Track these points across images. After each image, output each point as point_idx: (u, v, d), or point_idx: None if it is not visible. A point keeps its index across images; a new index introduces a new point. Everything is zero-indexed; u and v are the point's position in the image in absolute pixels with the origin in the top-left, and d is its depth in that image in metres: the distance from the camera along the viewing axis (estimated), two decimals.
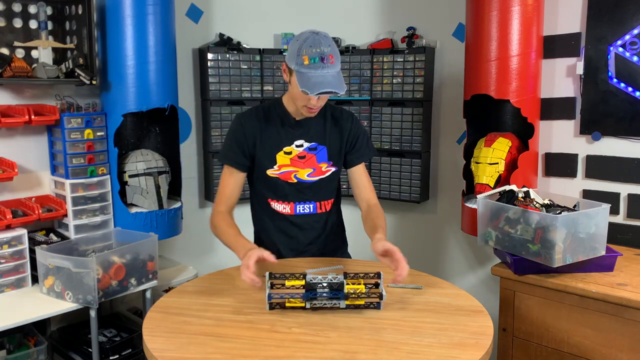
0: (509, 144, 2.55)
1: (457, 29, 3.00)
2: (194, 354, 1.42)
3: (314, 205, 2.06)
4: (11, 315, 2.16)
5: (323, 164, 2.03)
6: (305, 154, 2.01)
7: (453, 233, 3.16)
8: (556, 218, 1.97)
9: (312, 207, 2.06)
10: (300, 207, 2.05)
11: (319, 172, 2.03)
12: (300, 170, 2.01)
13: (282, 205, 2.05)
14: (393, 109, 3.15)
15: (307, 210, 2.06)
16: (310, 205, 2.06)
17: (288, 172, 2.01)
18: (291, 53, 1.83)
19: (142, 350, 1.71)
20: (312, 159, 2.02)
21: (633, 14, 2.38)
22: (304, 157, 2.01)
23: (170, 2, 2.69)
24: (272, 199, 2.06)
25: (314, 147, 2.02)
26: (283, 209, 2.05)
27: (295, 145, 2.01)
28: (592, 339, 2.03)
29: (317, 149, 2.02)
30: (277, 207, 2.06)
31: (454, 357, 1.40)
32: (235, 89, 3.18)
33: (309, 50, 1.78)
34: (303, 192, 2.04)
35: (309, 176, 2.02)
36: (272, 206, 2.06)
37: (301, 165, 2.01)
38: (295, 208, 2.05)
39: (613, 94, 2.45)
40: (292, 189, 2.02)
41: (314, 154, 2.02)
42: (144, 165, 2.73)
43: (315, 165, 2.02)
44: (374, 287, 1.67)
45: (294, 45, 1.82)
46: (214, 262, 3.28)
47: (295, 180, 2.01)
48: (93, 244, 2.50)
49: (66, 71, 2.50)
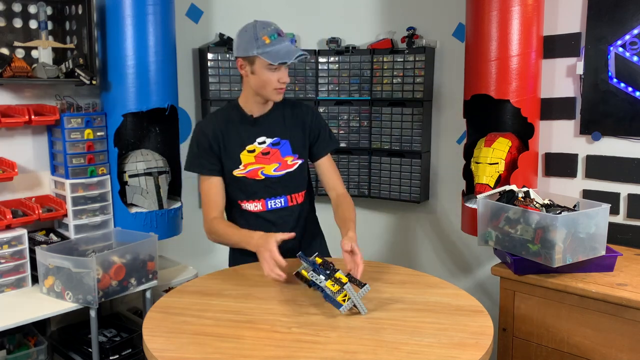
0: (509, 144, 2.55)
1: (457, 29, 3.00)
2: (194, 354, 1.42)
3: (285, 199, 2.08)
4: (11, 315, 2.16)
5: (288, 157, 2.05)
6: (268, 149, 2.03)
7: (453, 233, 3.16)
8: (556, 218, 1.97)
9: (283, 201, 2.08)
10: (271, 203, 2.06)
11: (285, 165, 2.05)
12: (266, 167, 2.03)
13: (253, 204, 2.06)
14: (393, 109, 3.15)
15: (279, 204, 2.07)
16: (281, 200, 2.07)
17: (254, 170, 2.02)
18: (246, 43, 1.90)
19: (142, 350, 1.71)
20: (276, 153, 2.04)
21: (633, 14, 2.38)
22: (268, 153, 2.03)
23: (170, 2, 2.69)
24: (242, 200, 2.07)
25: (276, 142, 2.04)
26: (255, 207, 2.06)
27: (257, 143, 2.03)
28: (592, 339, 2.03)
29: (280, 143, 2.05)
30: (248, 207, 2.07)
31: (454, 357, 1.40)
32: (235, 89, 3.17)
33: (265, 31, 1.88)
34: (272, 187, 2.05)
35: (276, 171, 2.04)
36: (243, 207, 2.07)
37: (266, 161, 2.03)
38: (266, 204, 2.06)
39: (613, 94, 2.45)
40: (260, 186, 2.04)
41: (278, 149, 2.04)
42: (144, 165, 2.73)
43: (280, 159, 2.04)
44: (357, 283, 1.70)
45: (246, 35, 1.90)
46: (214, 262, 3.27)
47: (262, 176, 2.03)
48: (93, 244, 2.50)
49: (66, 71, 2.50)
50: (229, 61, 3.14)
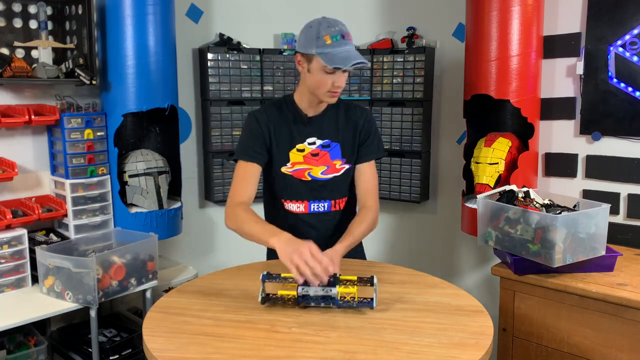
0: (509, 144, 2.55)
1: (457, 29, 3.00)
2: (194, 354, 1.42)
3: (329, 204, 2.02)
4: (11, 315, 2.17)
5: (337, 161, 2.00)
6: (318, 151, 1.98)
7: (453, 233, 3.16)
8: (556, 218, 1.97)
9: (327, 206, 2.02)
10: (314, 206, 2.01)
11: (333, 169, 1.99)
12: (314, 168, 1.98)
13: (296, 205, 2.01)
14: (393, 109, 3.15)
15: (322, 208, 2.01)
16: (325, 204, 2.02)
17: (302, 170, 1.97)
18: (307, 39, 1.83)
19: (142, 350, 1.71)
20: (325, 156, 1.98)
21: (633, 14, 2.38)
22: (317, 155, 1.98)
23: (170, 2, 2.69)
24: (286, 199, 2.02)
25: (327, 144, 1.99)
26: (297, 208, 2.01)
27: (307, 143, 1.98)
28: (592, 339, 2.03)
29: (331, 146, 1.99)
30: (291, 207, 2.02)
31: (454, 357, 1.40)
32: (235, 89, 3.17)
33: (328, 31, 1.80)
34: (317, 190, 2.00)
35: (323, 174, 1.98)
36: (286, 207, 2.02)
37: (315, 163, 1.98)
38: (309, 207, 2.01)
39: (613, 94, 2.45)
40: (306, 187, 1.99)
41: (327, 151, 1.99)
42: (144, 165, 2.73)
43: (329, 162, 1.99)
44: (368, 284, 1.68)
45: (310, 32, 1.83)
46: (214, 262, 3.28)
47: (309, 178, 1.98)
48: (93, 244, 2.50)
49: (66, 71, 2.50)
50: (229, 61, 3.14)
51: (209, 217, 3.35)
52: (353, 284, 1.66)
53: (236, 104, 3.19)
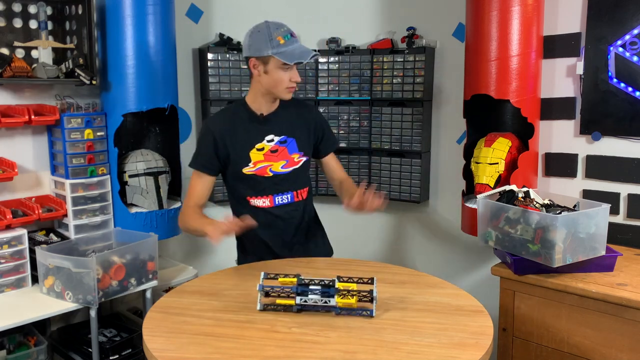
0: (509, 144, 2.55)
1: (457, 29, 3.00)
2: (194, 354, 1.42)
3: (291, 195, 2.14)
4: (11, 315, 2.17)
5: (295, 154, 2.12)
6: (277, 147, 2.09)
7: (453, 233, 3.16)
8: (556, 218, 1.97)
9: (290, 197, 2.13)
10: (278, 199, 2.12)
11: (292, 162, 2.11)
12: (274, 164, 2.08)
13: (261, 200, 2.11)
14: (393, 109, 3.15)
15: (285, 200, 2.13)
16: (288, 196, 2.13)
17: (264, 167, 2.07)
18: (259, 43, 1.96)
19: (142, 350, 1.71)
20: (284, 151, 2.10)
21: (633, 14, 2.38)
22: (277, 151, 2.09)
23: (170, 2, 2.69)
24: (251, 196, 2.11)
25: (283, 140, 2.10)
26: (262, 202, 2.11)
27: (266, 141, 2.08)
28: (592, 339, 2.03)
29: (287, 141, 2.10)
30: (257, 203, 2.11)
31: (454, 357, 1.40)
32: (235, 89, 3.17)
33: (279, 32, 1.96)
34: (280, 184, 2.11)
35: (283, 168, 2.10)
36: (252, 203, 2.11)
37: (275, 159, 2.08)
38: (274, 200, 2.11)
39: (613, 94, 2.45)
40: (269, 183, 2.09)
41: (285, 147, 2.10)
42: (144, 165, 2.73)
43: (287, 157, 2.10)
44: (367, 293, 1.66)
45: (259, 36, 1.96)
46: (214, 262, 3.28)
47: (271, 173, 2.08)
48: (93, 244, 2.50)
49: (66, 71, 2.50)
50: (228, 61, 3.14)
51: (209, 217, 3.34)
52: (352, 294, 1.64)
53: None
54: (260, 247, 2.14)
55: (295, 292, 1.64)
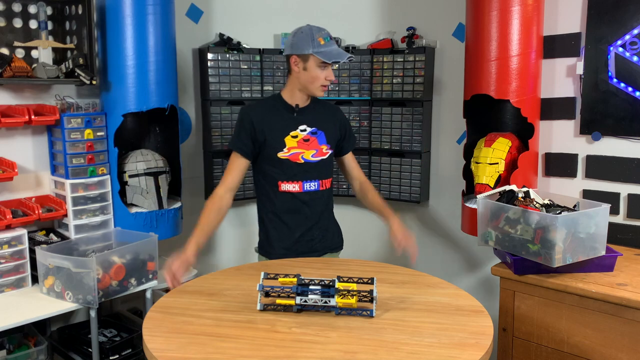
0: (509, 144, 2.54)
1: (457, 29, 3.00)
2: (194, 354, 1.42)
3: (318, 183, 2.28)
4: (11, 315, 2.17)
5: (323, 146, 2.28)
6: (309, 137, 2.26)
7: (453, 233, 3.16)
8: (556, 218, 1.97)
9: (316, 185, 2.28)
10: (307, 185, 2.26)
11: (320, 153, 2.27)
12: (306, 152, 2.24)
13: (291, 185, 2.24)
14: (393, 109, 3.15)
15: (313, 187, 2.27)
16: (315, 183, 2.27)
17: (296, 154, 2.22)
18: (302, 42, 2.15)
19: (142, 350, 1.71)
20: (314, 141, 2.26)
21: (633, 14, 2.38)
22: (308, 140, 2.25)
23: (170, 2, 2.69)
24: (282, 181, 2.24)
25: (314, 131, 2.27)
26: (292, 187, 2.24)
27: (299, 130, 2.24)
28: (592, 339, 2.03)
29: (317, 133, 2.27)
30: (287, 187, 2.24)
31: (454, 357, 1.40)
32: (235, 89, 3.17)
33: (320, 34, 2.16)
34: (309, 172, 2.25)
35: (313, 157, 2.25)
36: (282, 187, 2.24)
37: (306, 147, 2.25)
38: (303, 186, 2.25)
39: (613, 94, 2.45)
40: (300, 169, 2.23)
41: (316, 137, 2.27)
42: (144, 165, 2.73)
43: (317, 147, 2.26)
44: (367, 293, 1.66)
45: (302, 36, 2.16)
46: (214, 262, 3.28)
47: (302, 160, 2.23)
48: (93, 244, 2.50)
49: (66, 71, 2.50)
50: (229, 61, 3.14)
51: None
52: (352, 294, 1.64)
53: (236, 104, 3.19)
54: (283, 231, 2.26)
55: (295, 292, 1.64)
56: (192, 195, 3.26)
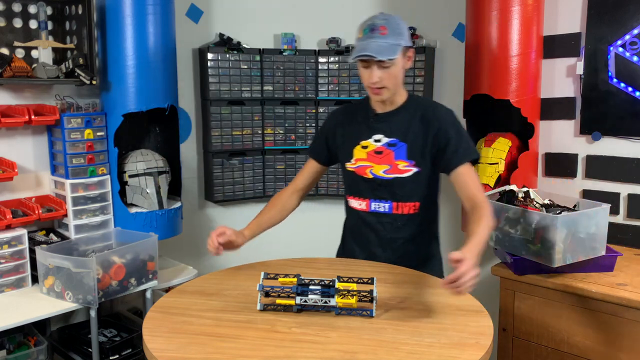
0: (509, 144, 2.55)
1: (457, 29, 3.00)
2: (194, 354, 1.42)
3: (390, 205, 1.95)
4: (11, 315, 2.16)
5: (401, 161, 1.91)
6: (382, 149, 1.92)
7: (453, 233, 3.15)
8: (556, 218, 1.97)
9: (388, 207, 1.96)
10: (375, 205, 1.96)
11: (395, 169, 1.91)
12: (376, 166, 1.93)
13: (358, 202, 2.00)
14: None
15: (382, 209, 1.96)
16: (386, 205, 1.96)
17: (363, 167, 1.94)
18: None
19: (142, 350, 1.71)
20: (389, 155, 1.92)
21: (633, 14, 2.38)
22: (381, 153, 1.92)
23: (170, 2, 2.69)
24: (349, 195, 2.03)
25: (393, 142, 1.91)
26: (359, 205, 2.00)
27: (373, 140, 1.94)
28: (592, 339, 2.03)
29: (397, 145, 1.91)
30: (354, 204, 2.02)
31: (454, 357, 1.40)
32: (235, 89, 3.17)
33: (363, 25, 1.83)
34: (378, 190, 1.95)
35: (385, 173, 1.92)
36: (350, 203, 2.04)
37: (377, 161, 1.93)
38: (370, 205, 1.97)
39: (613, 94, 2.45)
40: (367, 185, 1.96)
41: (392, 150, 1.91)
42: (144, 165, 2.73)
43: (391, 162, 1.91)
44: (367, 293, 1.65)
45: None
46: (214, 262, 3.27)
47: (370, 175, 1.94)
48: (93, 244, 2.50)
49: (66, 71, 2.49)
50: (229, 61, 3.14)
51: (209, 217, 3.35)
52: (352, 294, 1.63)
53: (236, 104, 3.19)
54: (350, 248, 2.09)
55: (295, 292, 1.64)
56: (192, 195, 3.26)
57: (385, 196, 1.94)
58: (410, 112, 1.92)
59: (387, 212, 1.96)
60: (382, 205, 1.95)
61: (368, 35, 1.79)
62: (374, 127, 1.94)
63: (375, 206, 1.96)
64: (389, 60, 1.78)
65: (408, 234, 1.98)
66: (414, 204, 1.96)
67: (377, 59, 1.76)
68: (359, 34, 1.82)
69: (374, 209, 1.97)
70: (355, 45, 1.83)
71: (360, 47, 1.79)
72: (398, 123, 1.92)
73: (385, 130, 1.92)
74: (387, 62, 1.79)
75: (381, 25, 1.79)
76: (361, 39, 1.81)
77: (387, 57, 1.77)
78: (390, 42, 1.79)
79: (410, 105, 1.93)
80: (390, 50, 1.78)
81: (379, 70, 1.81)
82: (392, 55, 1.78)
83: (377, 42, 1.78)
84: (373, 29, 1.79)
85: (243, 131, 3.21)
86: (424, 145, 1.90)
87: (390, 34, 1.80)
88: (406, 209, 1.96)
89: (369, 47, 1.77)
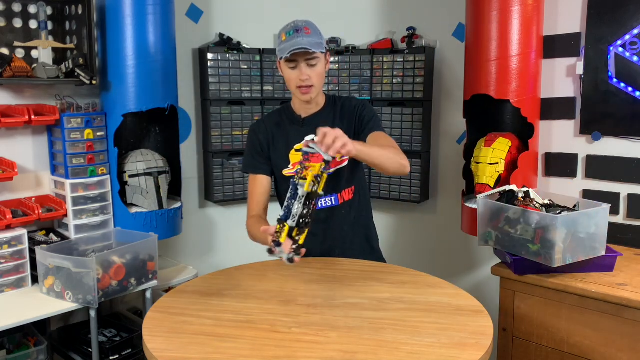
0: (509, 144, 2.55)
1: (457, 29, 3.00)
2: (194, 354, 1.42)
3: (336, 197, 2.04)
4: (11, 315, 2.17)
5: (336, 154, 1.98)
6: None
7: (453, 233, 3.15)
8: (556, 218, 1.97)
9: (334, 200, 2.04)
10: (321, 202, 2.02)
11: (334, 163, 1.95)
12: None
13: None
14: (393, 109, 3.15)
15: (330, 203, 2.04)
16: (332, 198, 2.04)
17: None
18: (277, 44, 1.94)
19: (142, 350, 1.71)
20: None
21: (633, 14, 2.38)
22: None
23: (170, 2, 2.69)
24: None
25: None
26: None
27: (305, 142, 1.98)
28: (592, 339, 2.03)
29: None
30: None
31: (454, 357, 1.40)
32: (235, 89, 3.18)
33: (285, 29, 1.92)
34: None
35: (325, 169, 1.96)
36: None
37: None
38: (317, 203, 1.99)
39: (613, 94, 2.45)
40: None
41: None
42: (144, 165, 2.73)
43: None
44: None
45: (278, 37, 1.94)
46: (214, 262, 3.28)
47: None
48: (93, 244, 2.50)
49: (66, 71, 2.50)
50: (229, 61, 3.14)
51: (209, 217, 3.35)
52: None
53: (236, 104, 3.20)
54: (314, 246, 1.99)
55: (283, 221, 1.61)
56: (192, 196, 3.26)
57: (330, 190, 2.01)
58: (332, 109, 2.05)
59: (334, 204, 2.04)
60: (328, 199, 2.03)
61: (293, 35, 1.88)
62: (303, 131, 2.02)
63: (322, 202, 2.02)
64: (320, 52, 1.90)
65: (353, 218, 2.08)
66: (352, 188, 2.07)
67: (311, 50, 1.86)
68: (281, 37, 1.90)
69: (321, 206, 2.02)
70: (280, 48, 1.89)
71: (290, 45, 1.85)
72: (324, 123, 1.93)
73: (314, 131, 1.93)
74: (314, 60, 1.89)
75: (304, 27, 1.90)
76: (286, 40, 1.88)
77: (319, 50, 1.89)
78: (316, 40, 1.90)
79: (330, 104, 2.06)
80: (319, 45, 1.90)
81: (307, 69, 1.91)
82: (321, 49, 1.90)
83: (305, 39, 1.87)
84: (297, 29, 1.88)
85: (243, 131, 3.21)
86: (348, 130, 1.94)
87: (314, 34, 1.91)
88: (348, 194, 2.06)
89: (300, 43, 1.85)
